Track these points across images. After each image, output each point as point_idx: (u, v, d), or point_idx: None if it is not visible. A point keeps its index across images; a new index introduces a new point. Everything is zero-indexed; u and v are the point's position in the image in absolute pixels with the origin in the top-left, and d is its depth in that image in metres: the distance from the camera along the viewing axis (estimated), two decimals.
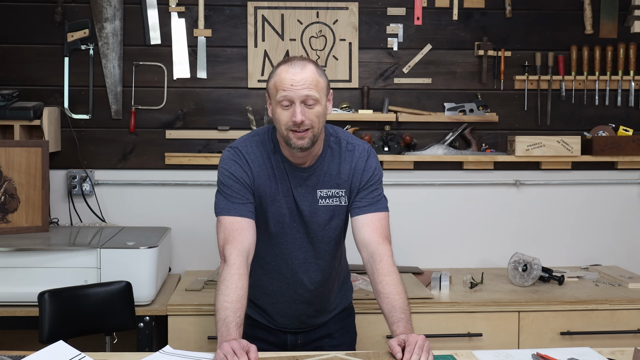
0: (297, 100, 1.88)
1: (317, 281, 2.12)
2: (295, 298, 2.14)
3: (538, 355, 1.82)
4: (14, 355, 1.78)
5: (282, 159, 2.02)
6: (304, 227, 2.06)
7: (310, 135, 1.91)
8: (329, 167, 2.04)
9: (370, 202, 2.04)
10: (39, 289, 2.30)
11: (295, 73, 1.89)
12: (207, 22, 3.18)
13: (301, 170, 2.03)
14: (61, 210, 3.16)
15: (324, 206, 2.04)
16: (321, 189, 2.04)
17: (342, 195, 2.05)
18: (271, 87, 1.94)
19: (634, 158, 3.23)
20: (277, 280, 2.13)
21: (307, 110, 1.89)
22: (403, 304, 1.88)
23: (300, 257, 2.09)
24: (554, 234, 3.33)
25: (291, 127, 1.90)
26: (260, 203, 2.03)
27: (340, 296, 2.26)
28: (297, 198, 2.03)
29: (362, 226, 2.02)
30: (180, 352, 1.84)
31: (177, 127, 3.19)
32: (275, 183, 2.02)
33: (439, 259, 3.27)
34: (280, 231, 2.06)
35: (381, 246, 1.98)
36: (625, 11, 3.30)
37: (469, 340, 2.67)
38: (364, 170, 2.05)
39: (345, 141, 2.08)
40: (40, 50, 3.13)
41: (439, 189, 3.28)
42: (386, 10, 3.23)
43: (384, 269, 1.94)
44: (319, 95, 1.91)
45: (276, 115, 1.93)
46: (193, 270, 3.17)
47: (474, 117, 3.22)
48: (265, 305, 2.18)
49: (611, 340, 2.69)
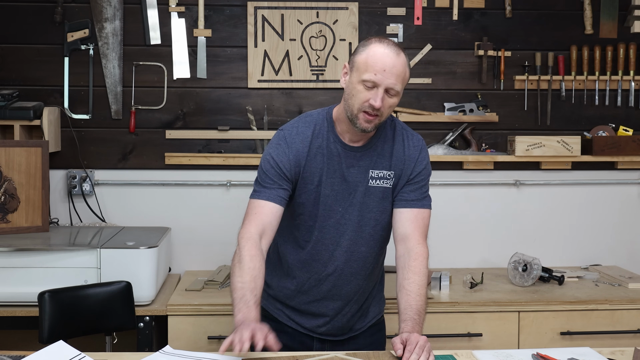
0: (382, 86, 1.86)
1: (358, 272, 2.05)
2: (333, 291, 2.05)
3: (538, 355, 1.82)
4: (14, 355, 1.78)
5: (334, 139, 1.99)
6: (353, 208, 2.00)
7: (377, 121, 1.91)
8: (383, 149, 2.01)
9: (418, 197, 2.01)
10: (39, 289, 2.30)
11: (391, 58, 1.86)
12: (207, 22, 3.18)
13: (354, 150, 2.00)
14: (61, 210, 3.16)
15: (374, 187, 2.00)
16: (374, 169, 2.00)
17: (391, 178, 2.01)
18: (360, 61, 1.89)
19: (634, 158, 3.23)
20: (315, 269, 2.04)
21: (386, 99, 1.88)
22: (420, 307, 1.87)
23: (344, 244, 2.02)
24: (554, 234, 3.33)
25: (365, 109, 1.88)
26: (305, 184, 1.99)
27: (376, 302, 2.18)
28: (349, 178, 1.99)
29: (406, 220, 1.99)
30: (180, 352, 1.84)
31: (177, 127, 3.19)
32: (324, 162, 1.98)
33: (439, 259, 3.27)
34: (324, 213, 2.00)
35: (420, 246, 1.96)
36: (625, 11, 3.30)
37: (469, 340, 2.67)
38: (417, 161, 2.02)
39: (401, 126, 2.06)
40: (40, 50, 3.14)
41: (439, 189, 3.28)
42: (386, 10, 3.23)
43: (417, 268, 1.93)
44: (401, 88, 1.90)
45: (354, 90, 1.90)
46: (193, 270, 3.17)
47: (474, 117, 3.22)
48: (297, 300, 2.08)
49: (611, 340, 2.69)
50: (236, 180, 3.17)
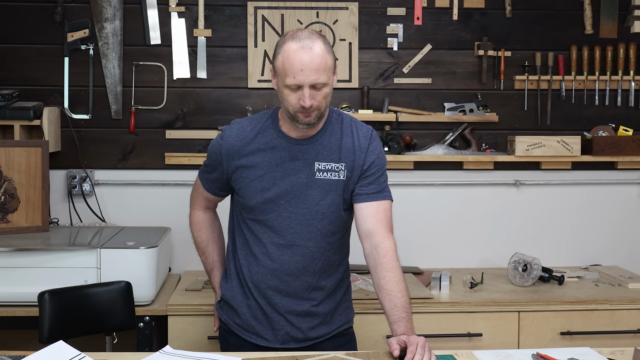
0: (306, 86, 1.85)
1: (306, 267, 2.00)
2: (281, 287, 2.01)
3: (538, 355, 1.82)
4: (14, 355, 1.78)
5: (278, 134, 1.99)
6: (296, 201, 1.97)
7: (316, 113, 1.90)
8: (329, 141, 1.99)
9: (376, 188, 1.99)
10: (39, 289, 2.30)
11: (304, 55, 1.83)
12: (207, 22, 3.18)
13: (298, 143, 1.98)
14: (61, 210, 3.16)
15: (320, 179, 1.98)
16: (319, 161, 1.98)
17: (342, 170, 1.98)
18: (279, 66, 1.88)
19: (634, 158, 3.23)
20: (262, 262, 2.01)
21: (315, 93, 1.87)
22: (405, 303, 1.86)
23: (288, 237, 1.99)
24: (554, 234, 3.33)
25: (299, 110, 1.88)
26: (241, 178, 2.00)
27: (342, 310, 2.11)
28: (291, 171, 1.97)
29: (367, 215, 1.97)
30: (180, 352, 1.84)
31: (177, 127, 3.19)
32: (265, 157, 1.98)
33: (439, 259, 3.27)
34: (265, 207, 1.99)
35: (386, 240, 1.94)
36: (625, 11, 3.30)
37: (469, 340, 2.67)
38: (368, 151, 2.00)
39: (349, 119, 2.05)
40: (40, 50, 3.14)
41: (439, 189, 3.28)
42: (386, 10, 3.23)
43: (388, 264, 1.90)
44: (327, 77, 1.87)
45: (283, 95, 1.90)
46: (193, 270, 3.16)
47: (474, 117, 3.22)
48: (249, 306, 2.05)
49: (611, 340, 2.69)
50: None
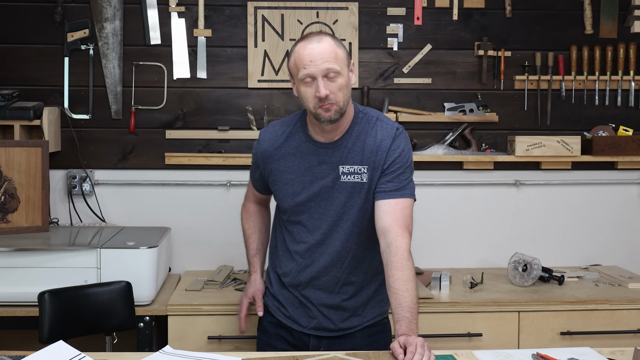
0: (319, 75, 1.91)
1: (333, 265, 2.07)
2: (313, 282, 2.10)
3: (538, 355, 1.82)
4: (14, 355, 1.78)
5: (306, 138, 2.04)
6: (324, 203, 2.04)
7: (335, 107, 1.93)
8: (354, 144, 2.02)
9: (396, 186, 1.99)
10: (39, 289, 2.30)
11: (313, 48, 1.91)
12: (207, 22, 3.18)
13: (325, 147, 2.03)
14: (61, 210, 3.16)
15: (344, 182, 2.02)
16: (344, 164, 2.02)
17: (364, 172, 2.01)
18: (292, 66, 1.98)
19: (634, 158, 3.23)
20: (296, 260, 2.11)
21: (329, 84, 1.91)
22: (410, 303, 1.87)
23: (317, 237, 2.06)
24: (554, 234, 3.33)
25: (318, 104, 1.92)
26: (275, 181, 2.08)
27: (376, 303, 2.17)
28: (318, 175, 2.03)
29: (383, 213, 1.98)
30: (180, 352, 1.84)
31: (177, 127, 3.19)
32: (293, 161, 2.04)
33: (439, 259, 3.27)
34: (296, 209, 2.06)
35: (399, 238, 1.94)
36: (625, 11, 3.30)
37: (469, 340, 2.67)
38: (390, 150, 2.01)
39: (375, 118, 2.07)
40: (40, 50, 3.13)
41: (439, 189, 3.28)
42: (386, 10, 3.23)
43: (398, 263, 1.91)
44: (340, 67, 1.92)
45: (301, 94, 1.97)
46: (193, 270, 3.17)
47: (474, 117, 3.22)
48: (285, 295, 2.15)
49: (611, 340, 2.69)
50: (236, 180, 3.17)
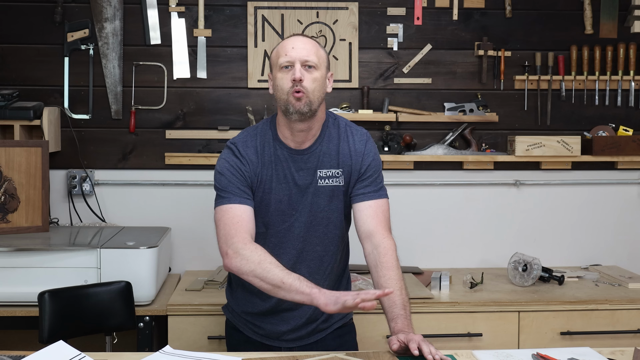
0: (297, 61, 1.94)
1: (316, 271, 2.06)
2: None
3: (538, 355, 1.82)
4: (14, 355, 1.78)
5: (280, 146, 2.03)
6: (305, 209, 2.04)
7: (306, 99, 1.94)
8: (328, 148, 2.05)
9: (374, 189, 2.05)
10: (39, 289, 2.30)
11: (297, 39, 1.98)
12: (207, 22, 3.18)
13: (300, 153, 2.03)
14: (61, 210, 3.16)
15: (323, 186, 2.04)
16: (321, 169, 2.04)
17: (340, 176, 2.05)
18: (273, 56, 2.01)
19: (634, 158, 3.23)
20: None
21: (305, 73, 1.94)
22: (403, 301, 1.89)
23: (299, 245, 2.05)
24: (554, 234, 3.33)
25: (291, 90, 1.93)
26: (258, 193, 2.03)
27: None
28: (299, 182, 2.03)
29: (367, 217, 2.02)
30: (180, 352, 1.84)
31: (177, 127, 3.19)
32: (273, 170, 2.03)
33: (439, 259, 3.27)
34: (279, 219, 2.04)
35: (386, 240, 1.99)
36: (625, 11, 3.30)
37: (469, 340, 2.67)
38: (364, 155, 2.06)
39: (344, 123, 2.10)
40: (40, 50, 3.13)
41: (439, 189, 3.28)
42: (386, 10, 3.23)
43: (388, 263, 1.95)
44: (319, 63, 1.97)
45: (277, 81, 1.98)
46: (193, 270, 3.17)
47: (474, 117, 3.22)
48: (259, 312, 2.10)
49: (611, 340, 2.69)
50: None
